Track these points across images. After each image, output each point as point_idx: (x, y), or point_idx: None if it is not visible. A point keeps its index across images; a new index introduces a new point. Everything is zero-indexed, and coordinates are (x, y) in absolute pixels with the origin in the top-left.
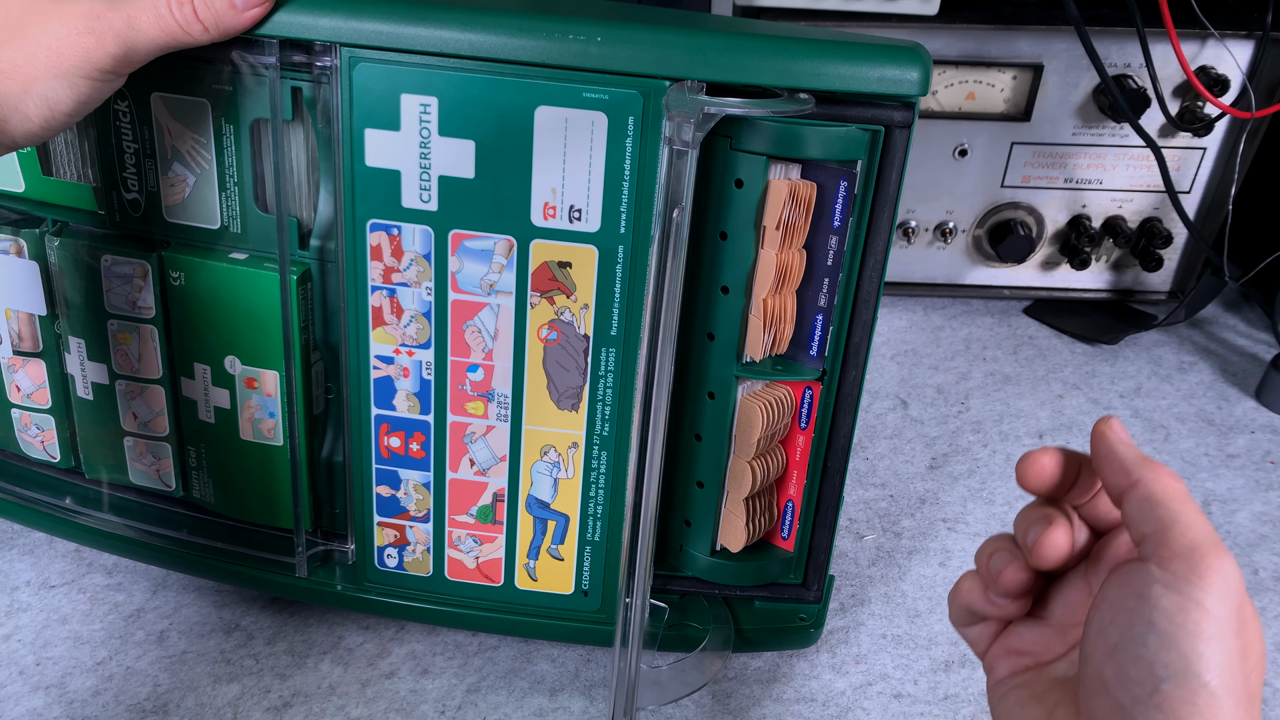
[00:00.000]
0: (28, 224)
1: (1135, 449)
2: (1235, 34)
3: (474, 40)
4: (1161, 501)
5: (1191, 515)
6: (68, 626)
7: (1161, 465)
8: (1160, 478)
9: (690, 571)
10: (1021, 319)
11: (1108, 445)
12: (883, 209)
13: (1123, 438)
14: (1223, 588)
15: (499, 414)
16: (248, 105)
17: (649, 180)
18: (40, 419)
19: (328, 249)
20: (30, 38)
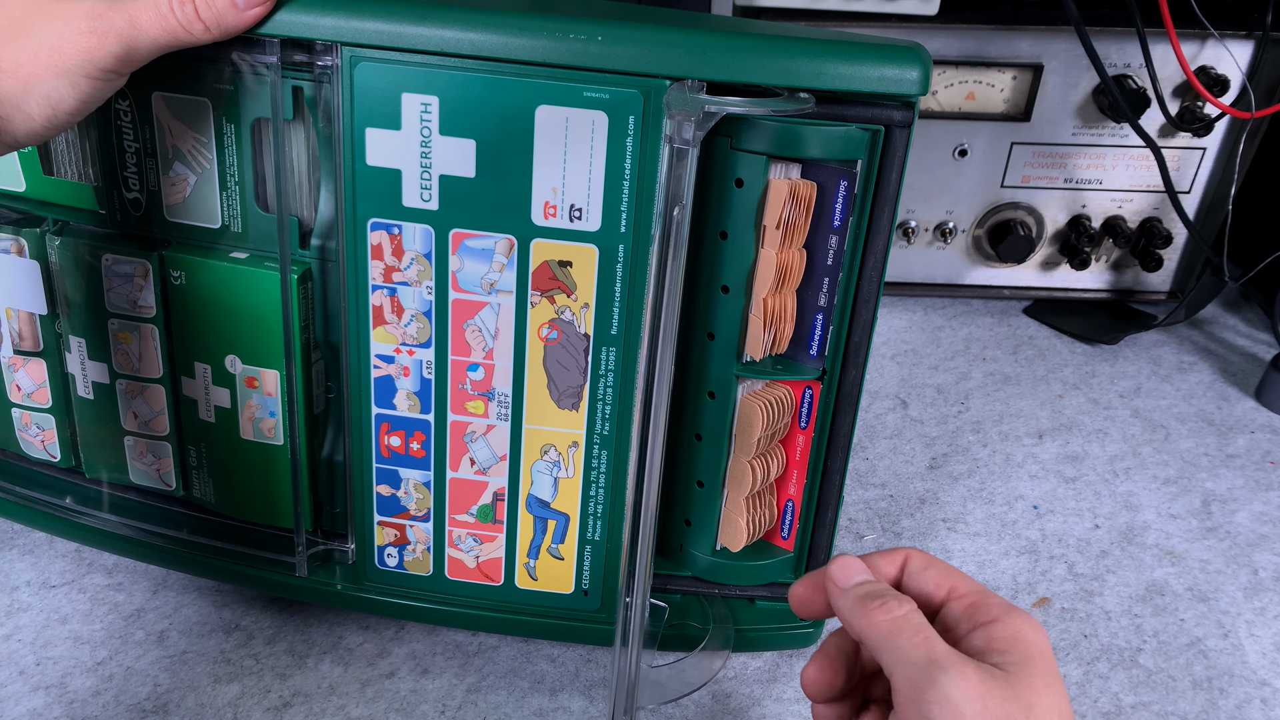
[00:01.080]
0: (29, 223)
1: (856, 589)
2: (1235, 34)
3: (475, 39)
4: (876, 647)
5: (905, 648)
6: (68, 626)
7: (876, 605)
8: (872, 622)
9: (690, 571)
10: (1021, 319)
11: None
12: (883, 209)
13: (841, 582)
14: (945, 702)
15: (499, 413)
16: (249, 104)
17: (649, 179)
18: (41, 418)
19: (328, 248)
20: (33, 37)
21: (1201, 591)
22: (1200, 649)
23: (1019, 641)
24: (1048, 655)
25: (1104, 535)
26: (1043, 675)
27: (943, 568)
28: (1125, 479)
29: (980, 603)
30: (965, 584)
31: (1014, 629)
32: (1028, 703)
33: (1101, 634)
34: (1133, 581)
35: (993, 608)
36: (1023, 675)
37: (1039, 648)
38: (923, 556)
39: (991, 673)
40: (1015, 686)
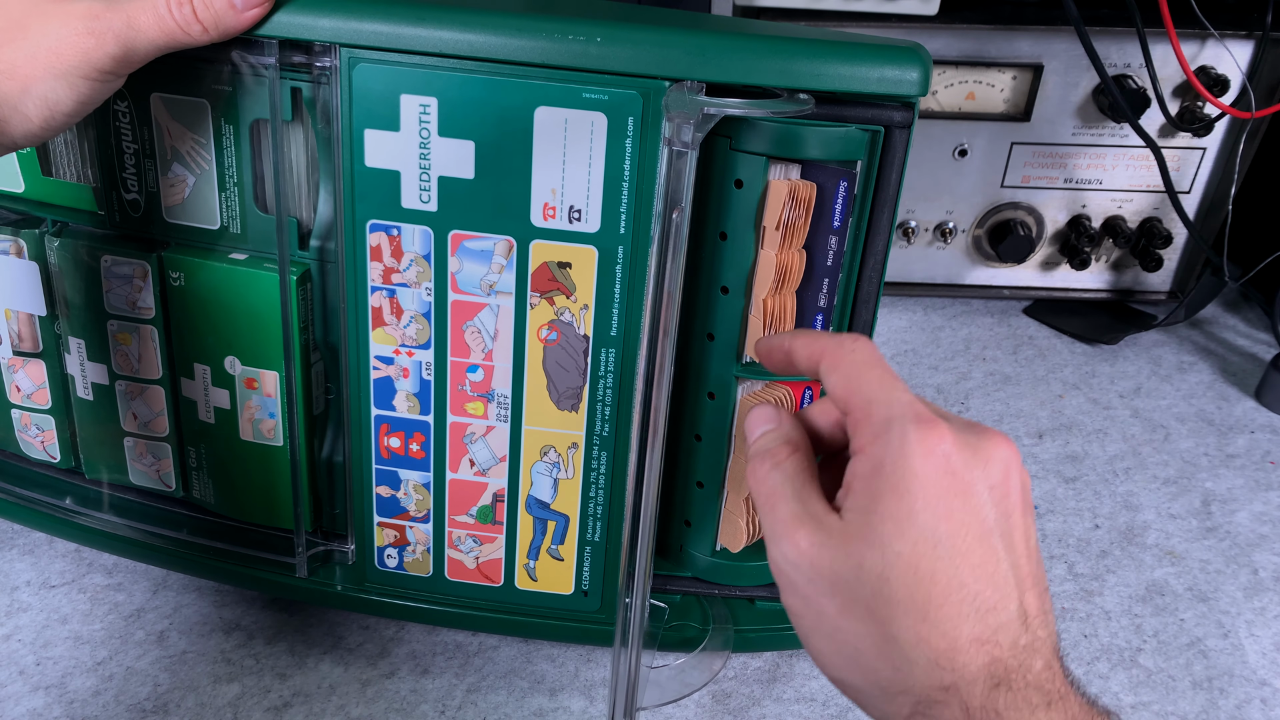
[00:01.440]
0: (27, 224)
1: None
2: (1235, 34)
3: (474, 41)
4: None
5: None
6: (68, 626)
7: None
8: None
9: (690, 572)
10: (1021, 319)
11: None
12: (883, 209)
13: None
14: (779, 572)
15: (499, 414)
16: (247, 105)
17: (649, 181)
18: (40, 419)
19: (327, 249)
20: (30, 38)
21: (1201, 591)
22: (1200, 649)
23: (872, 477)
24: (908, 488)
25: (1104, 535)
26: (888, 518)
27: (846, 372)
28: (1125, 479)
29: (862, 420)
30: (862, 391)
31: (875, 459)
32: (857, 561)
33: (1101, 634)
34: (1133, 581)
35: (867, 428)
36: (860, 523)
37: (895, 481)
38: (835, 355)
39: (829, 530)
40: (849, 540)
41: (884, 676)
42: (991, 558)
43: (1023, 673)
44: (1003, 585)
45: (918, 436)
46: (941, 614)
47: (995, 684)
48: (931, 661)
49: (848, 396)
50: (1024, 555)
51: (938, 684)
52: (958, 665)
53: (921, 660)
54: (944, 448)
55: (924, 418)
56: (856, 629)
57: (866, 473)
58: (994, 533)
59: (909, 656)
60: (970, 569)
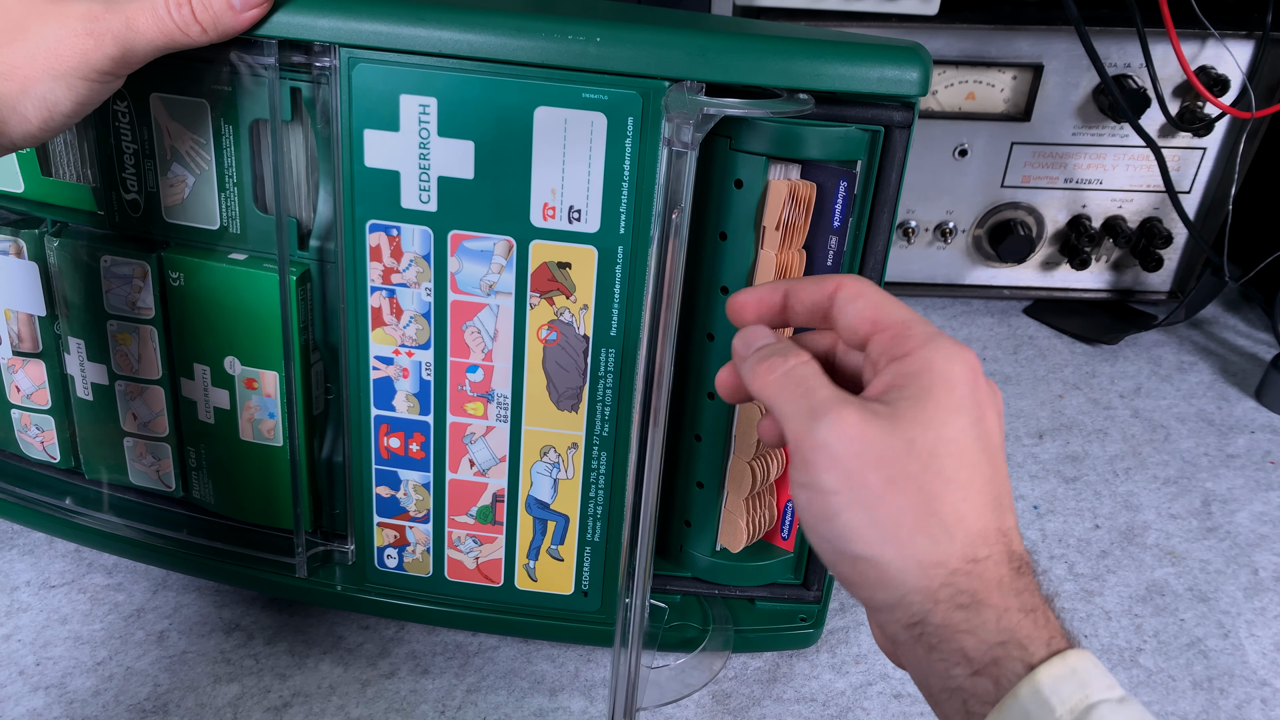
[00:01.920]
0: (27, 224)
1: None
2: (1235, 34)
3: (473, 41)
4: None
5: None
6: (68, 626)
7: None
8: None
9: (690, 572)
10: (1021, 319)
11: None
12: (882, 209)
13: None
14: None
15: (499, 414)
16: (247, 106)
17: (648, 181)
18: (40, 419)
19: (327, 249)
20: (29, 39)
21: (1201, 591)
22: (1200, 649)
23: (923, 374)
24: (954, 385)
25: (1104, 535)
26: (941, 405)
27: (872, 299)
28: (1125, 479)
29: (900, 334)
30: (894, 314)
31: (923, 361)
32: (909, 437)
33: (1102, 634)
34: (1133, 581)
35: (911, 339)
36: (913, 408)
37: (944, 378)
38: (855, 286)
39: (875, 411)
40: (900, 420)
41: (920, 549)
42: (1002, 467)
43: (1029, 567)
44: (1007, 491)
45: (958, 349)
46: (979, 499)
47: (1016, 568)
48: (967, 538)
49: (879, 317)
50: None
51: (971, 557)
52: (990, 544)
53: (959, 535)
54: (976, 364)
55: (956, 341)
56: (900, 502)
57: (916, 370)
58: (1001, 448)
59: (949, 530)
60: (994, 469)
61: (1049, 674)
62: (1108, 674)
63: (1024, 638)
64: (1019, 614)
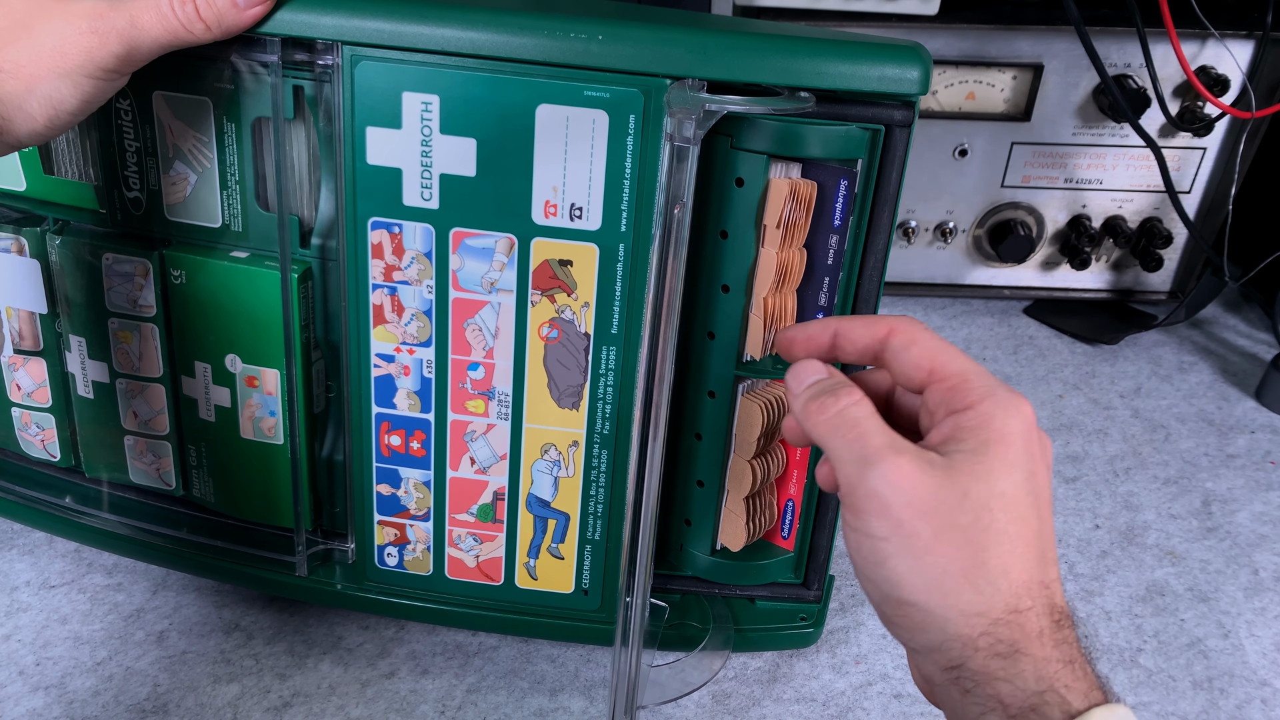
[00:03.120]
0: (29, 222)
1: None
2: (1235, 34)
3: (475, 38)
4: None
5: None
6: (68, 626)
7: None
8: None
9: (690, 571)
10: (1021, 319)
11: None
12: (883, 208)
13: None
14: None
15: (499, 412)
16: (249, 104)
17: (650, 178)
18: (41, 418)
19: (329, 247)
20: (34, 37)
21: (1202, 592)
22: (1200, 649)
23: (981, 429)
24: (1012, 440)
25: (1104, 535)
26: (998, 460)
27: (927, 346)
28: (1125, 479)
29: (960, 387)
30: (952, 364)
31: (984, 415)
32: (963, 490)
33: (1102, 634)
34: (1133, 581)
35: (970, 392)
36: (969, 461)
37: (1002, 433)
38: (909, 331)
39: (931, 461)
40: (955, 473)
41: (965, 598)
42: (1049, 521)
43: (1068, 620)
44: (1052, 546)
45: (1017, 403)
46: (1026, 552)
47: (1056, 621)
48: (1013, 589)
49: (936, 366)
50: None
51: (1014, 608)
52: (1034, 596)
53: (1004, 587)
54: (1032, 418)
55: (1014, 392)
56: (948, 552)
57: (975, 425)
58: (1049, 503)
59: (995, 582)
60: (1042, 523)
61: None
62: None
63: (1063, 688)
64: (1059, 664)
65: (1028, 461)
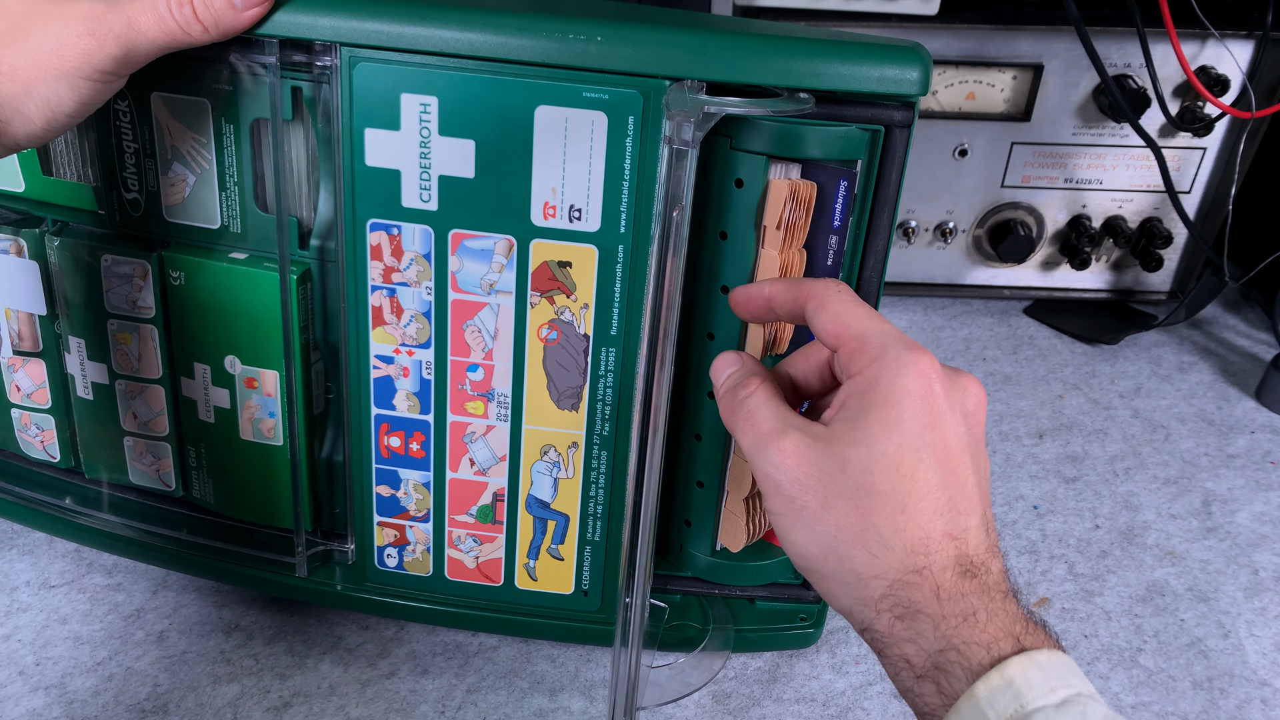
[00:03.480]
0: (28, 224)
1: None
2: (1235, 34)
3: (474, 40)
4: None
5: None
6: (68, 626)
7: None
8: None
9: (690, 571)
10: (1021, 319)
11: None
12: (883, 208)
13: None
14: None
15: (499, 413)
16: (248, 105)
17: (649, 180)
18: (40, 419)
19: (328, 249)
20: (31, 40)
21: (1202, 592)
22: (1200, 649)
23: (867, 392)
24: (898, 398)
25: (1104, 535)
26: (877, 422)
27: (834, 310)
28: (1125, 479)
29: (856, 351)
30: (853, 328)
31: (869, 379)
32: (843, 457)
33: (1102, 634)
34: (1133, 581)
35: (862, 356)
36: (849, 428)
37: (887, 393)
38: (822, 295)
39: (815, 435)
40: (835, 442)
41: (859, 562)
42: (964, 470)
43: (985, 569)
44: (970, 495)
45: (910, 359)
46: (920, 507)
47: (963, 572)
48: (906, 548)
49: (840, 330)
50: (984, 478)
51: (911, 567)
52: (931, 552)
53: (897, 546)
54: (931, 371)
55: (913, 345)
56: (837, 519)
57: (861, 389)
58: (966, 451)
59: (887, 543)
60: (947, 474)
61: (985, 687)
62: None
63: (961, 644)
64: (956, 620)
65: (920, 416)
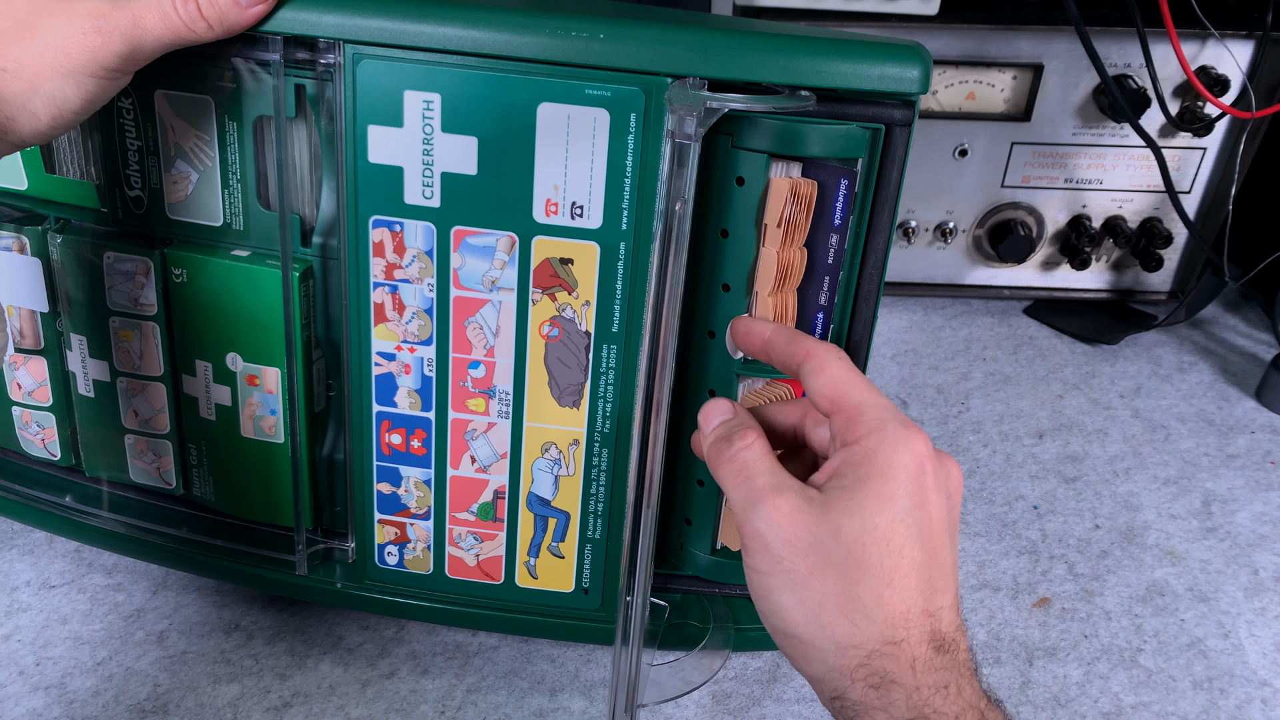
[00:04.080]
0: (30, 221)
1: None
2: (1235, 34)
3: (477, 37)
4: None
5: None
6: (68, 626)
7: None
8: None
9: (691, 570)
10: (1021, 319)
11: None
12: (883, 207)
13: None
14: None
15: (500, 411)
16: (251, 102)
17: (651, 177)
18: (41, 417)
19: (330, 246)
20: (37, 37)
21: (1202, 592)
22: (1200, 649)
23: (863, 464)
24: (893, 474)
25: (1104, 535)
26: (873, 495)
27: (833, 375)
28: (1125, 479)
29: (854, 420)
30: (851, 396)
31: (867, 450)
32: (837, 525)
33: (1102, 634)
34: (1133, 581)
35: (860, 426)
36: (845, 497)
37: (884, 468)
38: (822, 358)
39: (810, 499)
40: (830, 509)
41: (839, 631)
42: (943, 550)
43: (956, 646)
44: (947, 575)
45: (907, 436)
46: (904, 583)
47: (937, 647)
48: (887, 621)
49: (838, 397)
50: (957, 557)
51: (890, 639)
52: (910, 627)
53: (879, 619)
54: (924, 451)
55: (909, 423)
56: (824, 587)
57: (858, 460)
58: (946, 532)
59: (869, 614)
60: (929, 553)
61: None
62: None
63: (933, 713)
64: (930, 691)
65: (912, 494)
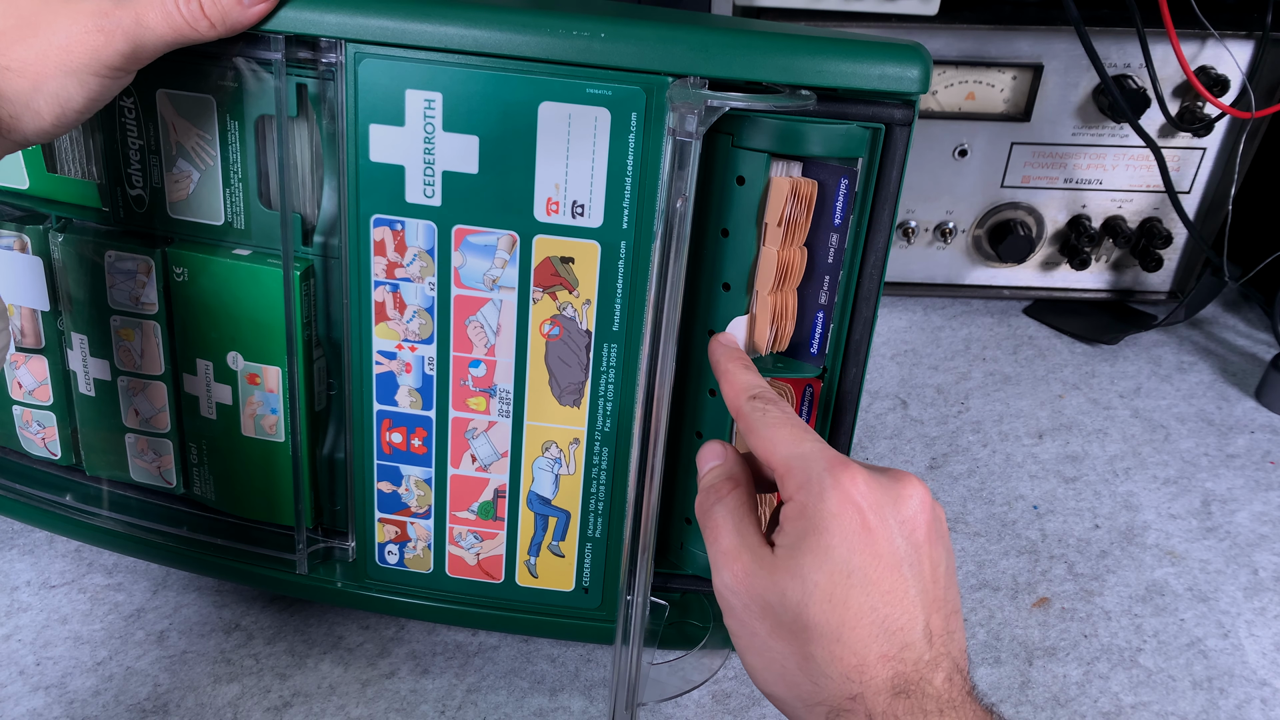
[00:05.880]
0: (32, 220)
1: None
2: (1235, 34)
3: (478, 36)
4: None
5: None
6: (68, 626)
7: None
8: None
9: (691, 569)
10: (1021, 319)
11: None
12: (883, 207)
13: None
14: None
15: (501, 409)
16: (252, 101)
17: (652, 176)
18: (42, 416)
19: (331, 245)
20: (40, 36)
21: (1201, 591)
22: (1200, 649)
23: (798, 518)
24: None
25: (1104, 535)
26: (809, 552)
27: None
28: (1125, 479)
29: (784, 478)
30: (777, 454)
31: (799, 506)
32: (782, 589)
33: (1101, 634)
34: (1133, 581)
35: (790, 482)
36: (787, 558)
37: (816, 521)
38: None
39: (760, 561)
40: (776, 572)
41: (804, 690)
42: (900, 585)
43: (922, 684)
44: (910, 609)
45: (833, 481)
46: (853, 635)
47: (896, 693)
48: (843, 675)
49: (768, 458)
50: (931, 581)
51: (847, 694)
52: (866, 678)
53: (835, 675)
54: (857, 490)
55: (836, 464)
56: (782, 648)
57: (794, 515)
58: (904, 563)
59: (825, 672)
60: (880, 595)
61: None
62: None
63: None
64: None
65: (848, 540)
